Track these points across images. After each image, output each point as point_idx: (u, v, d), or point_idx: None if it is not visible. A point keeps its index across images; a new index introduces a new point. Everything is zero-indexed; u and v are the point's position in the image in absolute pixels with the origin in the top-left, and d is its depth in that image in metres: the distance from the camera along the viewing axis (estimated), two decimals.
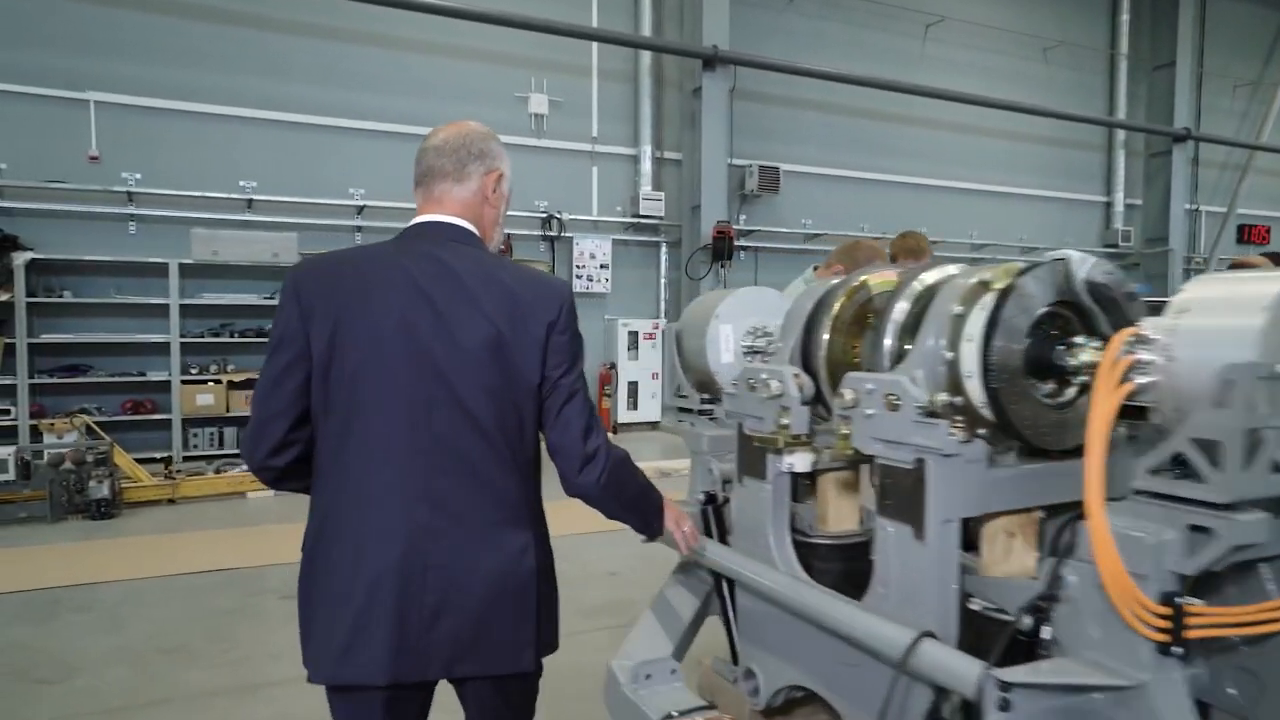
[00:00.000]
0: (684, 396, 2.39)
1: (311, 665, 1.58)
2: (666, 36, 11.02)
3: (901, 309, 1.61)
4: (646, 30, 10.83)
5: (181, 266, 8.55)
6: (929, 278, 1.64)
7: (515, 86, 10.49)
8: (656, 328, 11.11)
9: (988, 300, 1.47)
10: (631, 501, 1.75)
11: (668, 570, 2.28)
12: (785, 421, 1.76)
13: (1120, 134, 13.98)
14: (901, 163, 12.63)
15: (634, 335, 11.00)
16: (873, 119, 12.39)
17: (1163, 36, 13.95)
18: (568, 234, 10.70)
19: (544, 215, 10.60)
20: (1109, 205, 14.18)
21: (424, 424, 1.54)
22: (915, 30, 12.60)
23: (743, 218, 11.51)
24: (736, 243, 11.03)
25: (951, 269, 1.66)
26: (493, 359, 1.56)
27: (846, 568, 1.93)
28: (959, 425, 1.38)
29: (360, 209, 9.67)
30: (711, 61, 10.56)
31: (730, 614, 2.06)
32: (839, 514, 1.97)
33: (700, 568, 2.20)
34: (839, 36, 12.10)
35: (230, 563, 5.07)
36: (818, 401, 1.80)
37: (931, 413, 1.41)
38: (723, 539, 2.10)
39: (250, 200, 9.17)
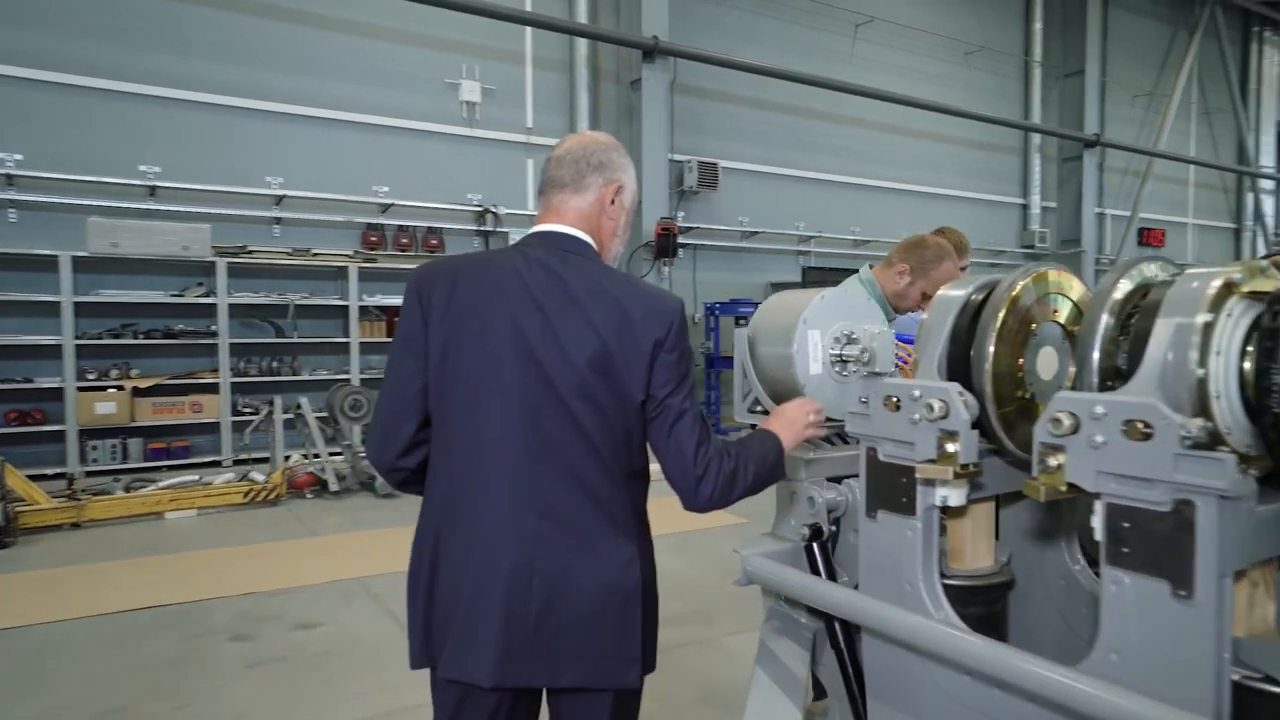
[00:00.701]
0: (762, 412, 2.09)
1: (420, 654, 1.65)
2: (602, 25, 10.68)
3: (1105, 321, 1.36)
4: (583, 18, 10.47)
5: (75, 260, 7.69)
6: (1125, 284, 1.39)
7: (446, 72, 9.95)
8: None
9: (1235, 307, 1.23)
10: (754, 487, 1.72)
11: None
12: (952, 449, 1.48)
13: (1036, 138, 14.48)
14: (833, 161, 12.69)
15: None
16: (806, 117, 12.39)
17: (1072, 45, 14.53)
18: (503, 228, 10.23)
19: (478, 208, 10.10)
20: (1026, 207, 14.67)
21: (533, 431, 1.56)
22: (846, 30, 12.68)
23: (681, 214, 11.29)
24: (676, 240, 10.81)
25: (1149, 269, 1.41)
26: (598, 372, 1.56)
27: (987, 612, 1.68)
28: (1245, 460, 1.13)
29: (279, 199, 8.96)
30: (652, 53, 10.29)
31: (847, 665, 1.77)
32: (977, 551, 1.71)
33: (796, 609, 1.90)
34: (773, 33, 12.04)
35: (163, 598, 4.45)
36: (975, 425, 1.53)
37: (1197, 443, 1.15)
38: (831, 579, 1.82)
39: (154, 188, 8.35)
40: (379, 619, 4.22)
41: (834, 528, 1.89)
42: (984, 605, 1.68)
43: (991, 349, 1.51)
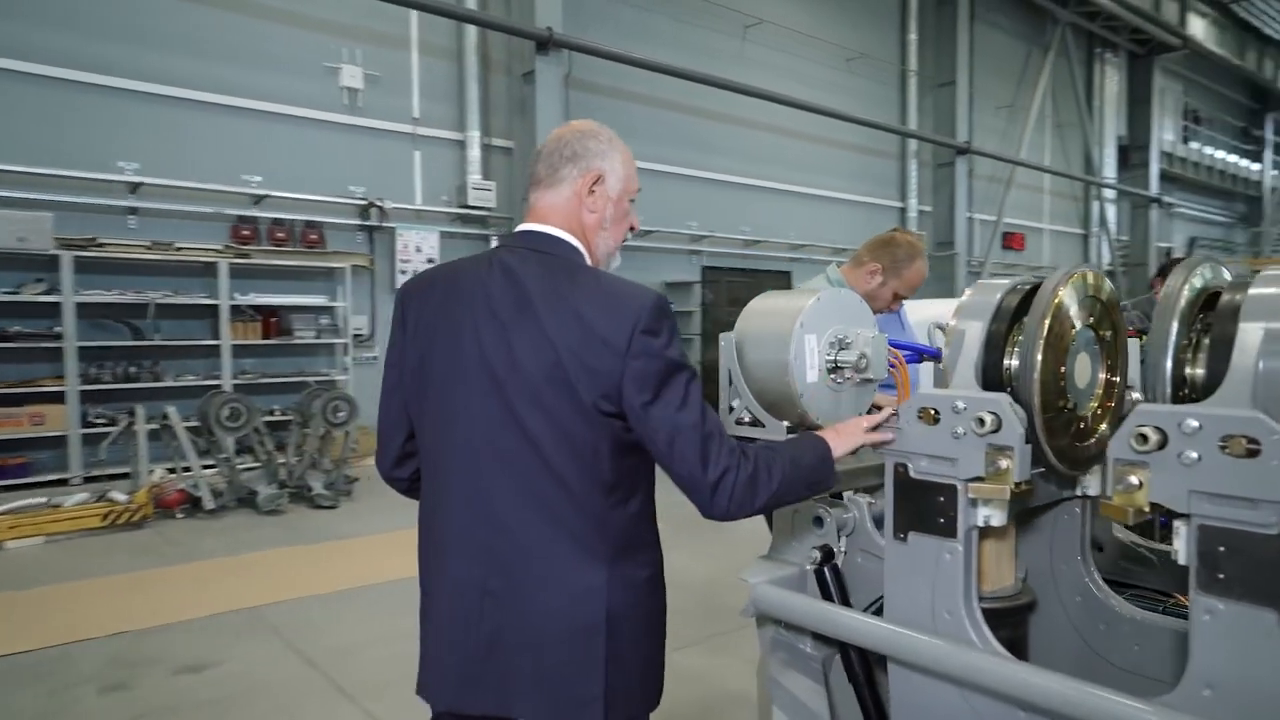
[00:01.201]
0: (752, 423, 1.91)
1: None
2: (492, 13, 10.29)
3: (1175, 327, 1.26)
4: (472, 4, 10.04)
5: None
6: (1186, 290, 1.31)
7: (325, 55, 9.31)
8: None
9: None
10: (786, 493, 1.52)
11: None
12: (1005, 465, 1.35)
13: (912, 144, 15.10)
14: (725, 161, 12.77)
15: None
16: (698, 116, 12.41)
17: (943, 57, 15.26)
18: (389, 224, 9.68)
19: (362, 202, 9.51)
20: (904, 210, 15.28)
21: (491, 446, 1.49)
22: (735, 30, 12.79)
23: None
24: None
25: (1208, 273, 1.33)
26: (554, 384, 1.45)
27: (1013, 635, 1.58)
28: None
29: (134, 187, 8.10)
30: (546, 45, 9.99)
31: (868, 700, 1.63)
32: (1000, 571, 1.61)
33: (800, 636, 1.75)
34: (666, 30, 11.98)
35: (12, 645, 3.84)
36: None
37: None
38: (846, 605, 1.67)
39: None
40: (281, 655, 3.80)
41: (843, 549, 1.75)
42: (1010, 628, 1.58)
43: (1040, 357, 1.40)
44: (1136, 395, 1.67)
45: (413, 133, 10.00)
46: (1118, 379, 1.57)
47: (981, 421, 1.37)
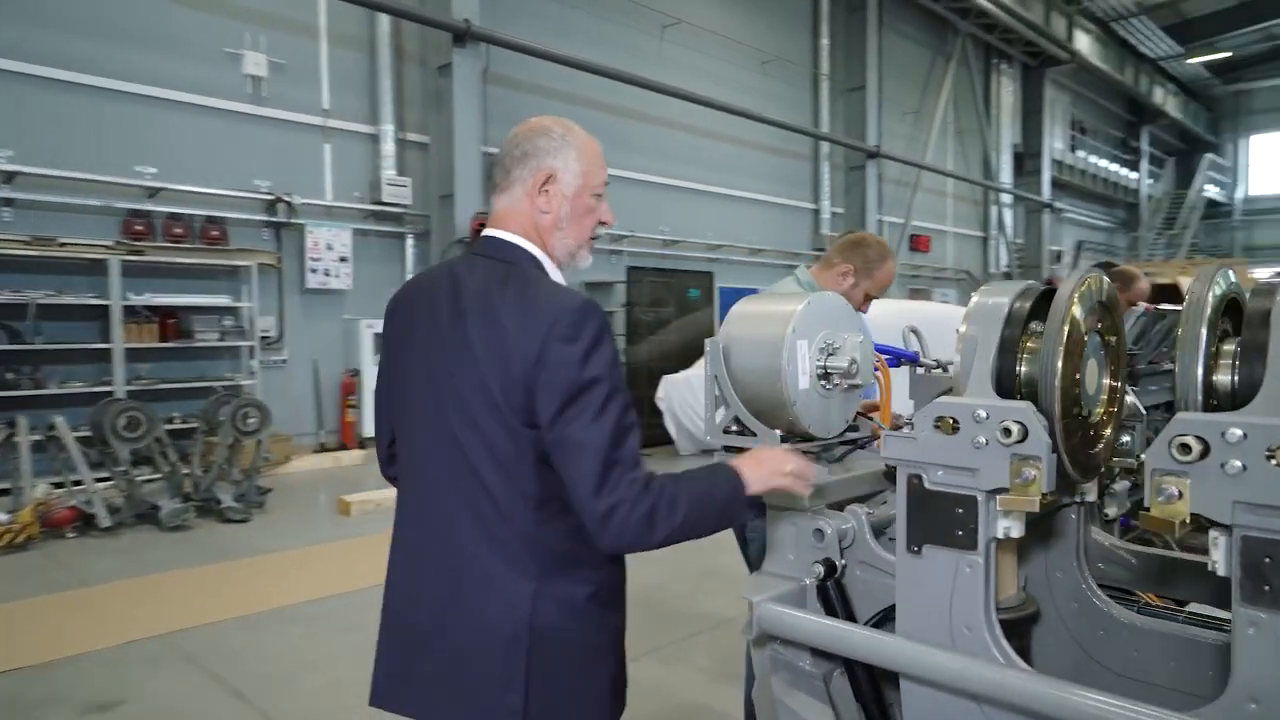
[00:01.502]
0: (744, 432, 1.83)
1: None
2: (406, 3, 9.93)
3: (1204, 334, 1.24)
4: None
5: None
6: (1210, 294, 1.29)
7: (225, 40, 8.79)
8: None
9: None
10: (691, 529, 1.45)
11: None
12: (1032, 475, 1.31)
13: (825, 147, 15.44)
14: (643, 160, 12.73)
15: (379, 338, 9.79)
16: (617, 114, 12.33)
17: (854, 62, 15.66)
18: (298, 220, 9.22)
19: (267, 196, 9.02)
20: (817, 212, 15.60)
21: (436, 457, 1.52)
22: (654, 30, 12.78)
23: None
24: None
25: (1226, 279, 1.33)
26: (478, 396, 1.45)
27: (1019, 647, 1.54)
28: None
29: (9, 176, 7.44)
30: (463, 37, 9.72)
31: (875, 715, 1.57)
32: (1005, 582, 1.57)
33: (798, 653, 1.68)
34: (585, 27, 11.86)
35: None
36: None
37: None
38: (851, 621, 1.61)
39: None
40: (203, 688, 3.50)
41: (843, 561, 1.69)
42: (1016, 639, 1.54)
43: (1060, 364, 1.36)
44: (1131, 399, 1.67)
45: (322, 125, 9.56)
46: (1119, 384, 1.57)
47: (1007, 431, 1.32)
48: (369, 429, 9.65)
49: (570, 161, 1.58)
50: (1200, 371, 1.23)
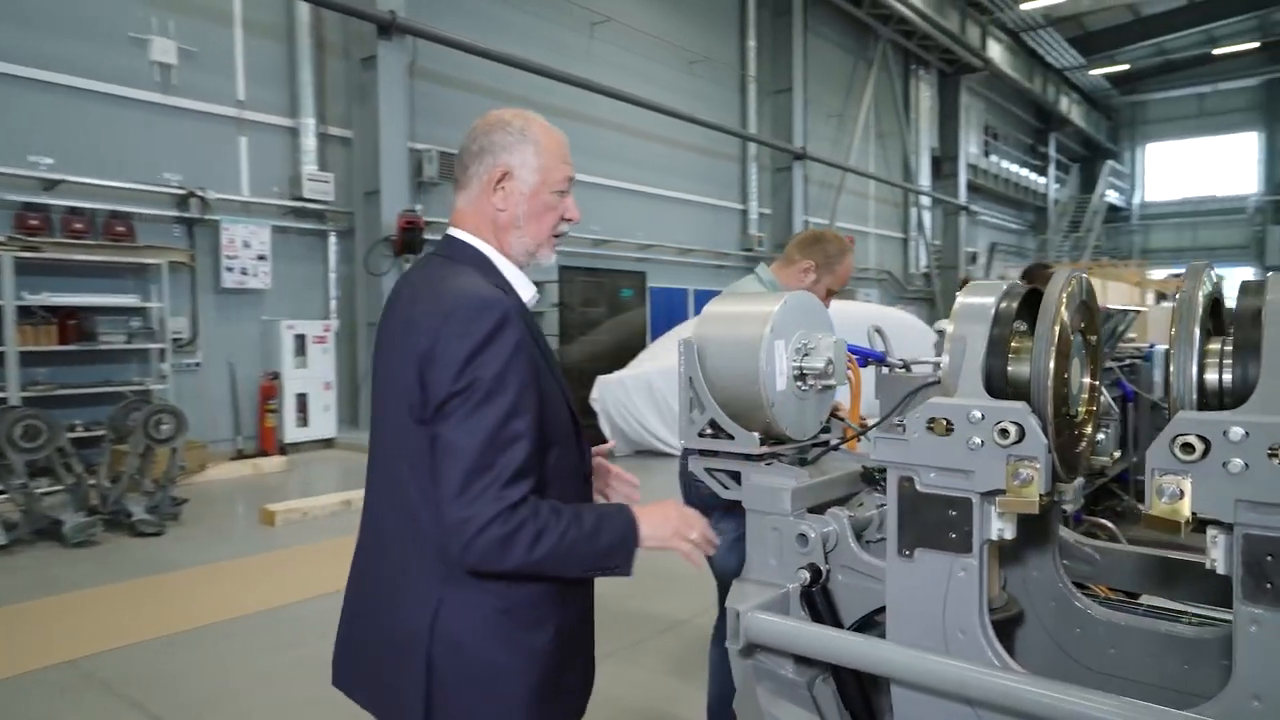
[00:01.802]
0: (719, 435, 1.77)
1: None
2: None
3: (1197, 333, 1.25)
4: None
5: None
6: (1200, 293, 1.30)
7: (129, 24, 8.30)
8: (328, 330, 9.68)
9: None
10: (553, 568, 1.38)
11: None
12: (1029, 475, 1.29)
13: (752, 148, 15.61)
14: (573, 159, 12.59)
15: (301, 339, 9.43)
16: (546, 112, 11.60)
17: (780, 65, 15.89)
18: (213, 216, 8.78)
19: (180, 191, 8.56)
20: (745, 213, 15.76)
21: (374, 452, 1.56)
22: (583, 27, 12.69)
23: (419, 207, 10.49)
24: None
25: (1204, 280, 1.33)
26: (394, 394, 1.45)
27: (1006, 647, 1.54)
28: None
29: None
30: (388, 29, 9.44)
31: None
32: (990, 581, 1.56)
33: (781, 662, 1.63)
34: (513, 22, 11.69)
35: None
36: None
37: None
38: (838, 627, 1.57)
39: None
40: (117, 716, 3.25)
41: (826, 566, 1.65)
42: (1000, 640, 1.54)
43: (1053, 364, 1.35)
44: (1105, 398, 1.68)
45: (238, 117, 9.14)
46: (1098, 382, 1.57)
47: (1005, 433, 1.30)
48: (292, 434, 9.28)
49: (528, 157, 1.53)
50: (1195, 370, 1.23)
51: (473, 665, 1.40)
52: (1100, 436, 1.65)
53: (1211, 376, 1.27)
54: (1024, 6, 19.53)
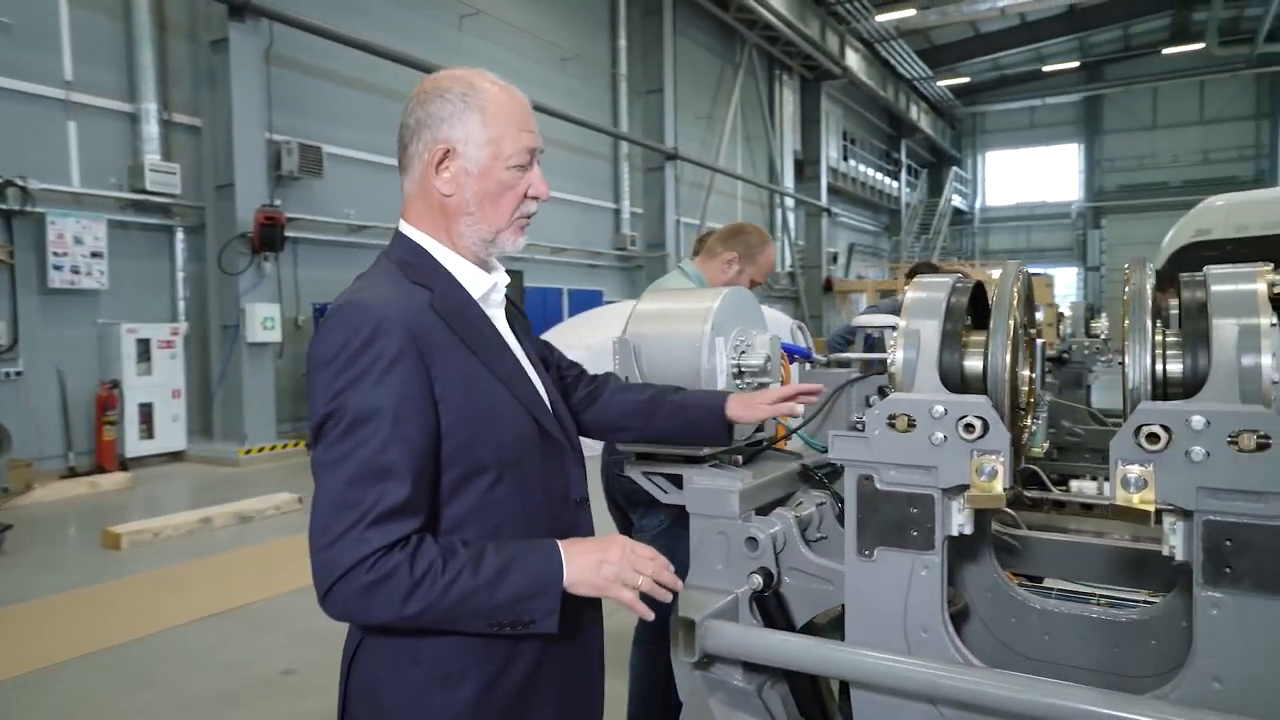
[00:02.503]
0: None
1: None
2: None
3: (1147, 325, 1.27)
4: None
5: None
6: (1148, 285, 1.33)
7: None
8: (175, 333, 8.92)
9: (1265, 305, 1.21)
10: (432, 622, 1.16)
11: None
12: (993, 470, 1.28)
13: (624, 147, 15.64)
14: None
15: (144, 344, 8.64)
16: None
17: (651, 65, 16.00)
18: (36, 208, 7.88)
19: None
20: (618, 212, 15.77)
21: None
22: (452, 19, 12.32)
23: (278, 202, 9.82)
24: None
25: (1147, 273, 1.37)
26: None
27: None
28: None
29: None
30: (241, 10, 8.80)
31: None
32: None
33: (730, 670, 1.56)
34: (379, 11, 11.18)
35: None
36: None
37: None
38: (791, 630, 1.52)
39: None
40: None
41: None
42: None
43: (1009, 358, 1.35)
44: (1038, 389, 1.71)
45: (64, 99, 8.26)
46: (1035, 374, 1.60)
47: (970, 427, 1.28)
48: (134, 447, 8.48)
49: (474, 129, 1.29)
50: (1149, 361, 1.25)
51: (385, 711, 1.24)
52: (1033, 427, 1.69)
53: (1157, 367, 1.30)
54: (878, 18, 20.56)
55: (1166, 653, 1.52)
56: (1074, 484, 2.54)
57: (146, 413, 8.65)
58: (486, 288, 1.35)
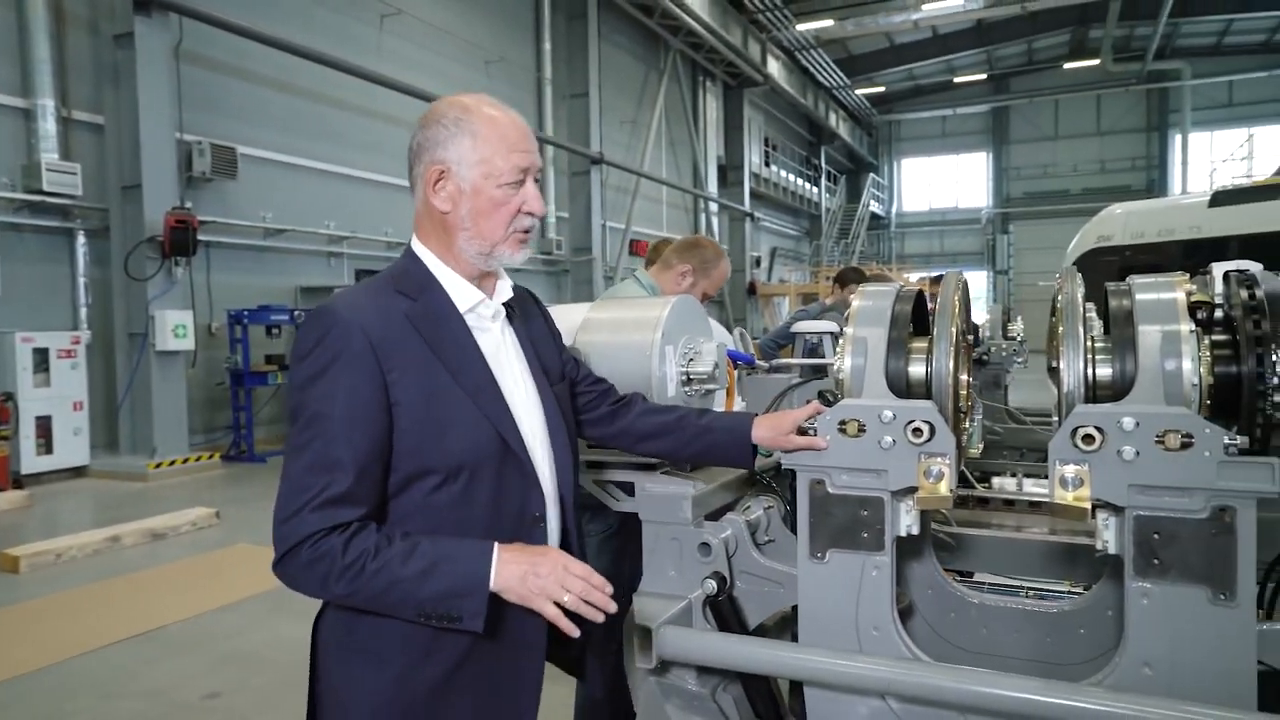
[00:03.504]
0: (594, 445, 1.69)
1: None
2: None
3: (1080, 332, 1.34)
4: None
5: None
6: (1079, 294, 1.40)
7: None
8: (77, 342, 8.44)
9: (1184, 313, 1.30)
10: (368, 605, 1.28)
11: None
12: (941, 472, 1.32)
13: (549, 151, 15.55)
14: (366, 158, 11.93)
15: (42, 353, 8.15)
16: (337, 107, 11.43)
17: (576, 70, 15.97)
18: None
19: None
20: (543, 217, 15.67)
21: None
22: (372, 19, 12.05)
23: (190, 204, 9.41)
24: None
25: (1078, 282, 1.44)
26: None
27: None
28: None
29: None
30: (147, 4, 8.41)
31: None
32: None
33: (684, 675, 1.58)
34: (296, 8, 10.84)
35: None
36: None
37: (1240, 449, 1.17)
38: (745, 632, 1.54)
39: None
40: None
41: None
42: None
43: (952, 363, 1.40)
44: (974, 393, 1.78)
45: None
46: (969, 377, 1.66)
47: (919, 431, 1.33)
48: (31, 463, 7.99)
49: (465, 150, 1.38)
50: (1081, 366, 1.32)
51: (326, 682, 1.36)
52: (970, 429, 1.76)
53: (1092, 371, 1.37)
54: (798, 27, 21.01)
55: (1095, 641, 1.60)
56: (995, 481, 2.66)
57: (45, 426, 8.16)
58: (473, 302, 1.42)
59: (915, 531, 1.41)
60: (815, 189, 29.63)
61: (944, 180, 34.24)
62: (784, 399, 2.00)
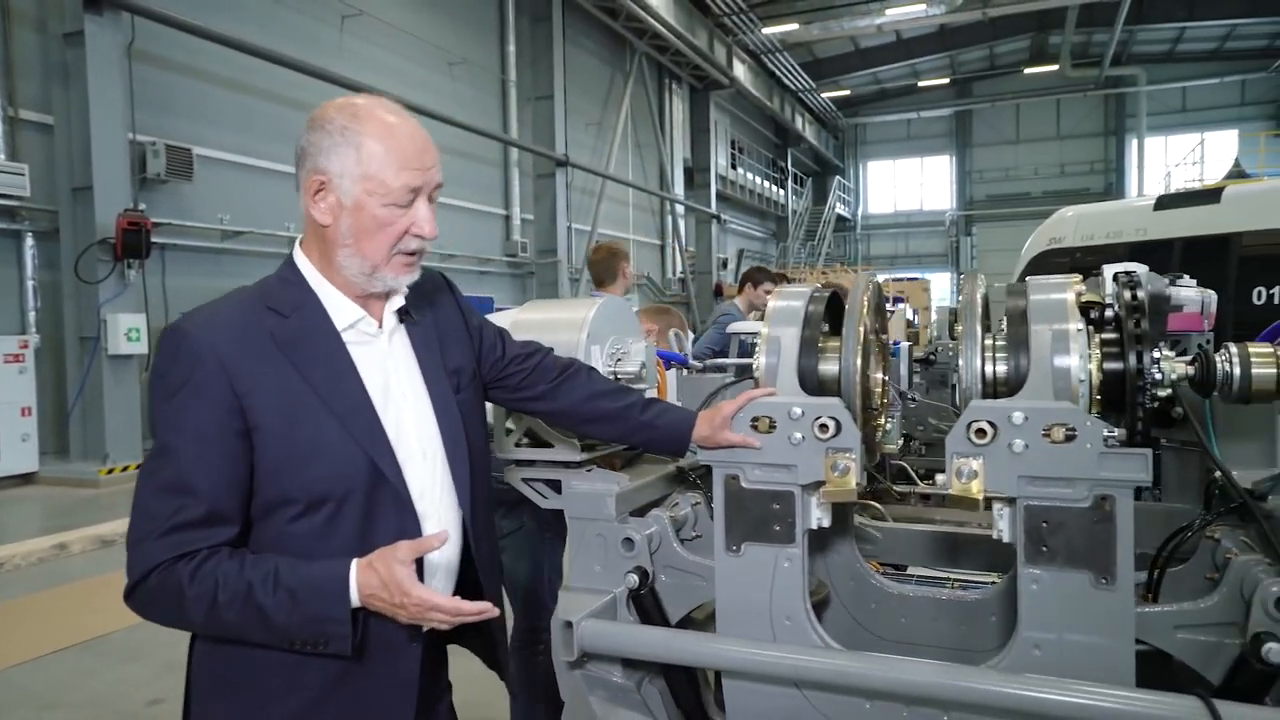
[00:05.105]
0: (535, 444, 1.72)
1: None
2: None
3: (977, 330, 1.40)
4: None
5: None
6: (978, 294, 1.46)
7: None
8: (25, 346, 8.28)
9: (1073, 312, 1.36)
10: (220, 633, 1.25)
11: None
12: (847, 466, 1.37)
13: (515, 153, 15.53)
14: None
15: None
16: (296, 108, 11.27)
17: (541, 71, 15.93)
18: None
19: None
20: (508, 218, 15.65)
21: None
22: (333, 19, 11.95)
23: (143, 206, 9.25)
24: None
25: (979, 283, 1.50)
26: None
27: None
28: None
29: None
30: (98, 2, 8.26)
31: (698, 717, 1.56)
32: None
33: (610, 668, 1.61)
34: (254, 8, 10.72)
35: None
36: None
37: (1120, 441, 1.24)
38: (666, 625, 1.58)
39: None
40: None
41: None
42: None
43: (859, 362, 1.45)
44: (892, 391, 1.84)
45: None
46: (883, 375, 1.72)
47: (825, 427, 1.38)
48: None
49: (348, 162, 1.27)
50: (978, 364, 1.38)
51: (199, 715, 1.32)
52: (888, 426, 1.81)
53: (990, 368, 1.43)
54: (764, 31, 21.17)
55: (1005, 627, 1.66)
56: (939, 478, 2.73)
57: None
58: (352, 319, 1.34)
59: (826, 524, 1.46)
60: (782, 191, 29.85)
61: (909, 183, 34.71)
62: (716, 398, 2.04)
